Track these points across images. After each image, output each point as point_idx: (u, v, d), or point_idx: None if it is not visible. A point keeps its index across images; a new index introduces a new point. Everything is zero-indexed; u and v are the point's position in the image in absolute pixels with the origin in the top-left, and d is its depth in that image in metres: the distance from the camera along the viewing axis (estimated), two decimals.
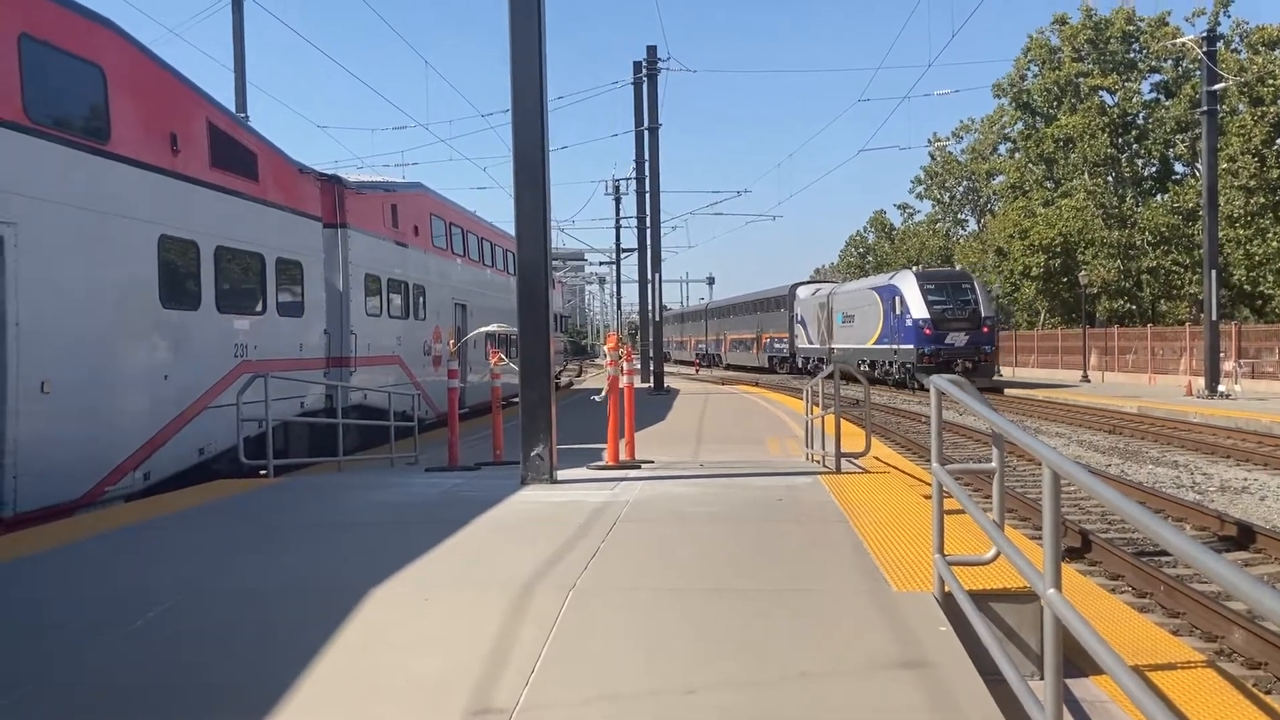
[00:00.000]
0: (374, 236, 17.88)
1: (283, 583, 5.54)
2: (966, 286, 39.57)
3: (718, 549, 6.23)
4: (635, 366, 12.66)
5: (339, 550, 6.45)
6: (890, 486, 9.07)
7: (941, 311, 38.65)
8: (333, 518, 7.80)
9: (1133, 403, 28.93)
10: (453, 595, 5.17)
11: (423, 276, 20.38)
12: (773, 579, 5.45)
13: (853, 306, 46.11)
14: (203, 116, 12.16)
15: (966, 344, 38.42)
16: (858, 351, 44.01)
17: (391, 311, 18.66)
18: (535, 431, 9.35)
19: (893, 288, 41.20)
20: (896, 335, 40.39)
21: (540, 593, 5.15)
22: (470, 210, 26.92)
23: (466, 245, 24.26)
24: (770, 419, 20.50)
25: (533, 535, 6.75)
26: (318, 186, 15.75)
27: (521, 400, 9.45)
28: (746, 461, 12.05)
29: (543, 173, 9.33)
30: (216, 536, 7.09)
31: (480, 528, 7.15)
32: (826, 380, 11.73)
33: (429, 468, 11.77)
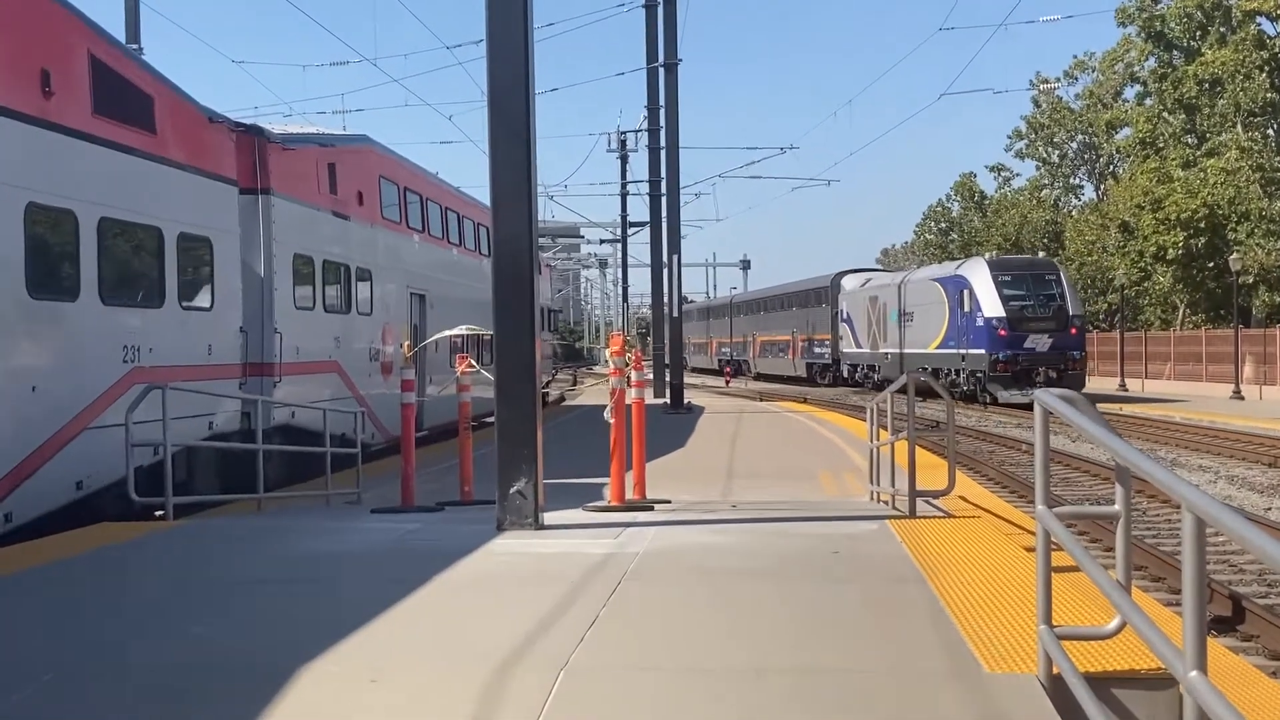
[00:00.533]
0: (306, 206, 17.96)
1: (186, 659, 5.56)
2: (1051, 279, 41.39)
3: (754, 617, 6.23)
4: (647, 376, 12.66)
5: (260, 616, 6.46)
6: (981, 535, 9.06)
7: (1020, 309, 40.53)
8: (252, 573, 7.82)
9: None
10: (407, 677, 5.18)
11: (369, 258, 20.46)
12: (827, 657, 5.44)
13: (912, 301, 47.93)
14: (84, 49, 12.24)
15: (1050, 348, 40.19)
16: (917, 357, 46.07)
17: (328, 304, 18.73)
18: (515, 461, 9.36)
19: (960, 279, 43.01)
20: (965, 337, 42.32)
21: (521, 674, 5.16)
22: (432, 172, 27.04)
23: (426, 217, 24.36)
24: (823, 445, 20.49)
25: (512, 598, 6.76)
26: (233, 140, 15.83)
27: (498, 420, 9.46)
28: (793, 502, 12.03)
29: (527, 120, 9.35)
30: (100, 597, 7.12)
31: (443, 588, 7.16)
32: (897, 395, 11.73)
33: (376, 508, 11.80)
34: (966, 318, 42.16)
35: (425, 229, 24.23)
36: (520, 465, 9.36)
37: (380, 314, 20.94)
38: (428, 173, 26.25)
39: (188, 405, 13.04)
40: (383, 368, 20.81)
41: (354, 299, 19.81)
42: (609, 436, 11.19)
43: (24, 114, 11.17)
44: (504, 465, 9.39)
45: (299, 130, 19.94)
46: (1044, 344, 40.38)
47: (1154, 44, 58.87)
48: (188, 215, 14.19)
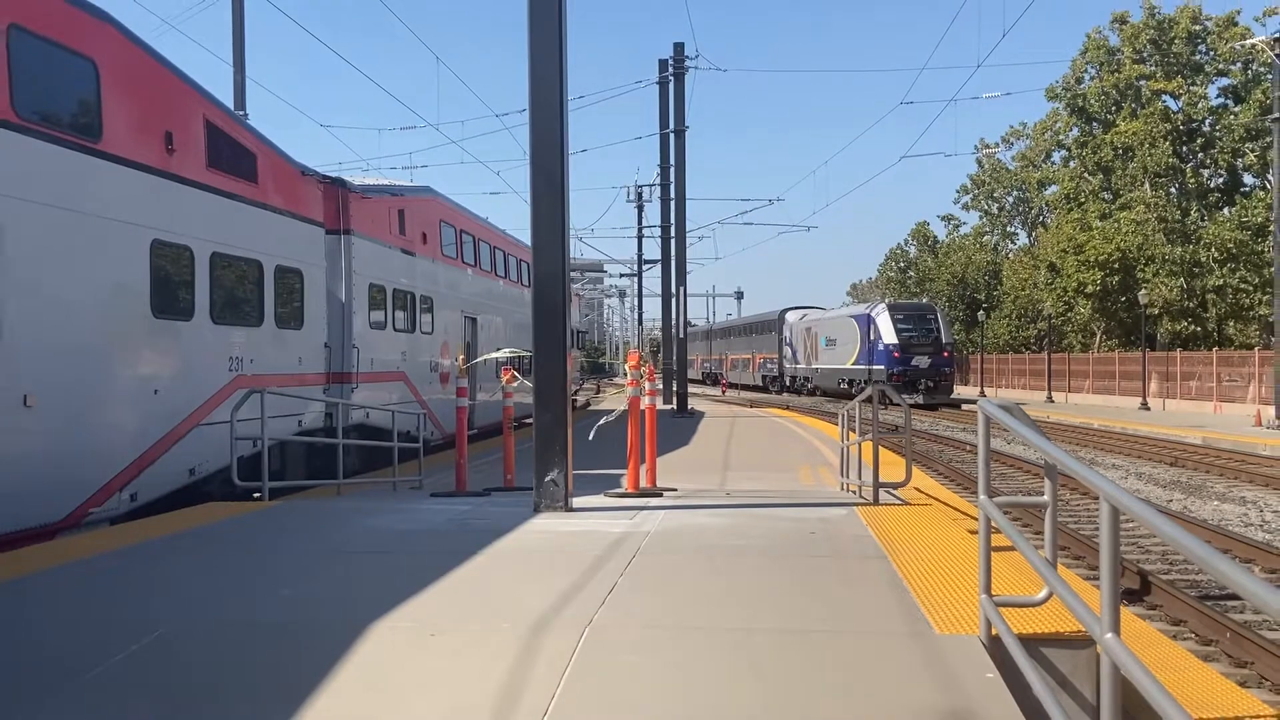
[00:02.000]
0: (379, 244, 18.00)
1: (278, 616, 5.56)
2: (931, 317, 49.77)
3: (745, 585, 6.22)
4: (657, 387, 12.66)
5: (338, 581, 6.46)
6: (932, 520, 9.02)
7: (909, 338, 48.45)
8: (331, 545, 7.83)
9: (1196, 433, 28.68)
10: (460, 631, 5.18)
11: (430, 287, 20.49)
12: (805, 618, 5.42)
13: (834, 332, 56.35)
14: (199, 113, 12.30)
15: (929, 366, 48.17)
16: (838, 371, 54.53)
17: (396, 324, 18.76)
18: (549, 456, 9.36)
19: (868, 317, 51.51)
20: (871, 357, 50.09)
21: (554, 630, 5.15)
22: (482, 217, 27.07)
23: (478, 254, 24.39)
24: (803, 445, 20.45)
25: (546, 567, 6.76)
26: (320, 190, 15.89)
27: (535, 422, 9.47)
28: (777, 491, 12.01)
29: (561, 174, 9.37)
30: (207, 564, 7.13)
31: (489, 558, 7.15)
32: (864, 404, 11.70)
33: (434, 493, 11.81)
34: (872, 344, 49.86)
35: (477, 264, 24.26)
36: (553, 458, 9.37)
37: (440, 333, 20.96)
38: (479, 217, 26.29)
39: (281, 406, 13.09)
40: (441, 378, 20.82)
41: (418, 321, 19.84)
42: (624, 437, 11.19)
43: (151, 166, 11.24)
44: (540, 458, 9.40)
45: (374, 182, 20.01)
46: (925, 362, 48.04)
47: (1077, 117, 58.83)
48: (283, 250, 14.24)
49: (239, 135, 13.33)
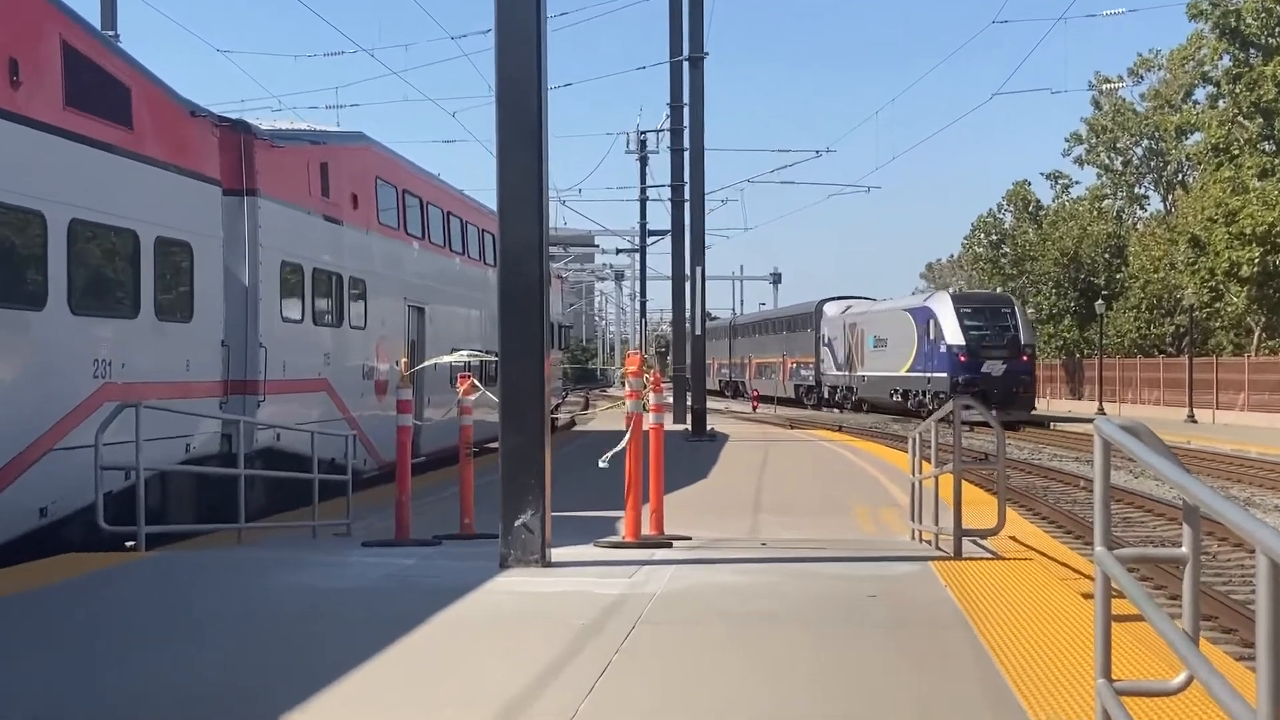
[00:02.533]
0: (295, 209, 18.03)
1: (157, 704, 5.56)
2: (1006, 311, 50.82)
3: (781, 667, 6.22)
4: (666, 400, 12.67)
5: (237, 659, 6.47)
6: (1033, 579, 9.03)
7: (978, 337, 49.68)
8: (230, 610, 7.83)
9: None
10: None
11: (364, 267, 20.54)
12: (860, 711, 5.41)
13: (884, 329, 57.48)
14: (55, 34, 12.32)
15: (1004, 373, 49.21)
16: (889, 380, 55.90)
17: (318, 316, 18.79)
18: (521, 491, 9.37)
19: (926, 310, 52.48)
20: (930, 362, 51.41)
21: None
22: (433, 174, 27.12)
23: (427, 223, 24.44)
24: (860, 478, 20.45)
25: (516, 641, 6.76)
26: (216, 136, 15.92)
27: (502, 446, 9.48)
28: (825, 540, 12.01)
29: (538, 118, 9.40)
30: (65, 634, 7.13)
31: (440, 629, 7.17)
32: (943, 424, 11.72)
33: (368, 541, 11.83)
34: (932, 345, 51.01)
35: (425, 235, 24.30)
36: (526, 496, 9.37)
37: (375, 328, 20.99)
38: (429, 174, 26.33)
39: (163, 425, 13.08)
40: (377, 387, 20.85)
41: (346, 311, 19.86)
42: (623, 466, 11.20)
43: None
44: (508, 495, 9.40)
45: (289, 127, 20.03)
46: (999, 369, 49.13)
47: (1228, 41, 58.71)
48: (166, 217, 14.26)
49: (108, 64, 13.35)
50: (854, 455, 25.83)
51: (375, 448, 20.25)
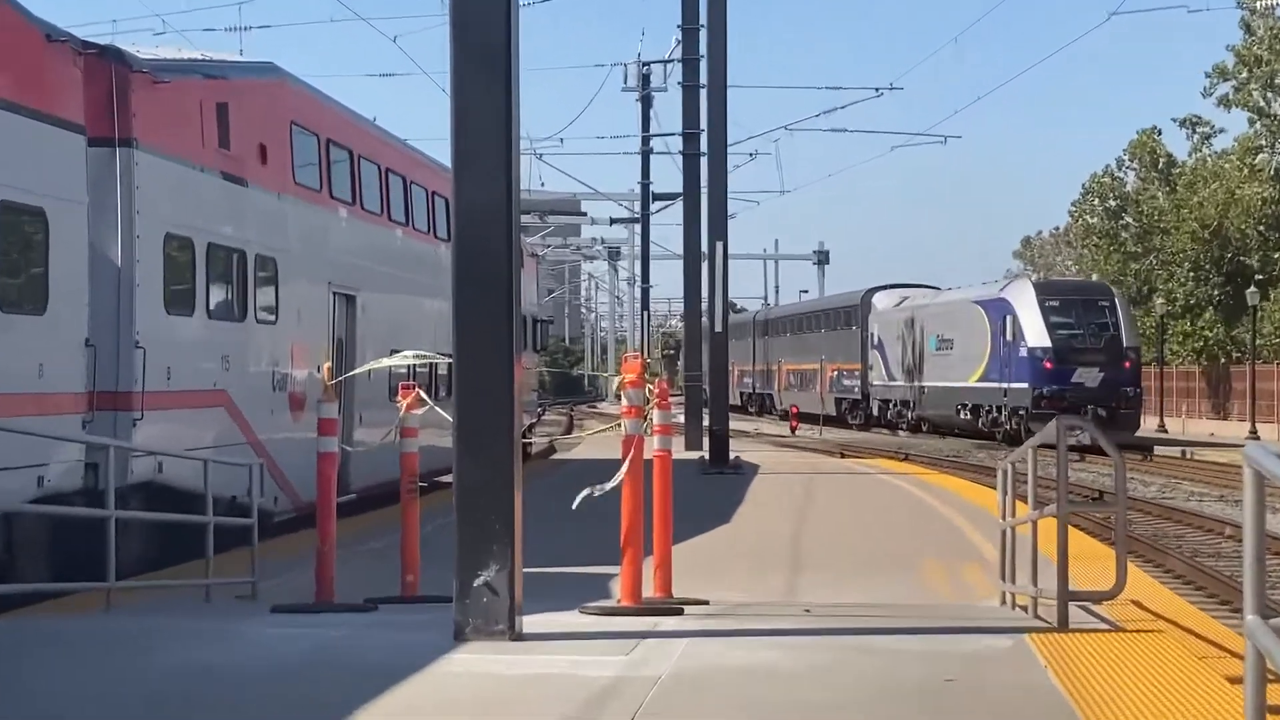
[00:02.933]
0: (185, 164, 18.01)
1: None
2: (1105, 304, 52.98)
3: None
4: (675, 419, 12.69)
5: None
6: (1162, 658, 9.02)
7: (1068, 337, 51.68)
8: (94, 699, 7.82)
9: None
10: None
11: (276, 241, 20.53)
12: None
13: (949, 326, 59.92)
14: None
15: (1101, 384, 50.85)
16: (954, 392, 58.29)
17: (215, 307, 18.78)
18: (482, 540, 9.38)
19: (1003, 303, 54.37)
20: (1007, 369, 53.38)
21: None
22: (368, 118, 27.12)
23: (359, 184, 24.42)
24: (934, 523, 20.43)
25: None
26: (80, 68, 15.92)
27: (458, 480, 9.49)
28: (888, 605, 12.02)
29: (506, 44, 9.41)
30: None
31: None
32: (1044, 451, 11.72)
33: (280, 605, 11.82)
34: (1010, 347, 52.91)
35: (357, 200, 24.28)
36: (489, 545, 9.37)
37: (290, 323, 20.96)
38: (362, 119, 26.33)
39: (5, 452, 13.09)
40: (292, 401, 20.81)
41: (253, 301, 19.83)
42: (618, 506, 11.21)
43: None
44: (466, 545, 9.41)
45: (177, 56, 19.99)
46: (1094, 378, 50.85)
47: None
48: (9, 176, 14.26)
49: None
50: (925, 492, 25.80)
51: (290, 482, 20.22)
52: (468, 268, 9.50)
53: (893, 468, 34.33)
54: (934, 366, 60.38)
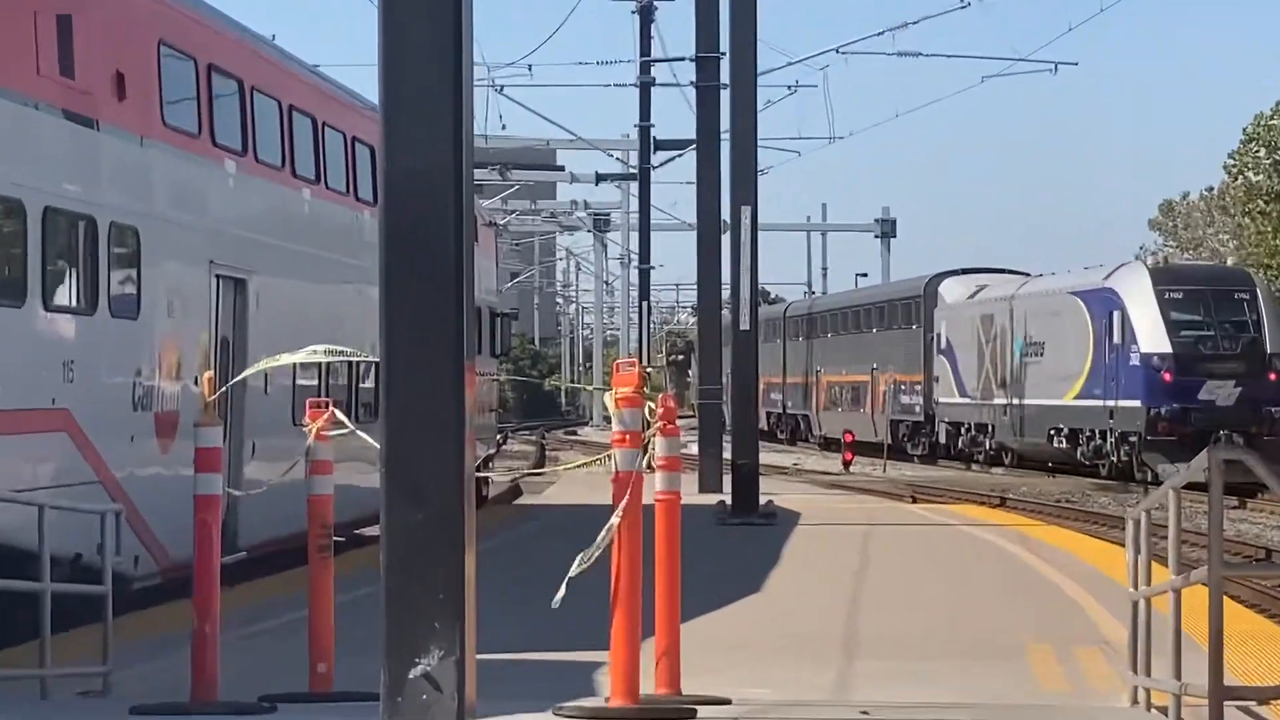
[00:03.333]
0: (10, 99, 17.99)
1: None
2: (1243, 296, 55.02)
3: None
4: (682, 448, 12.64)
5: None
6: None
7: (1195, 341, 53.66)
8: None
9: None
10: None
11: (138, 204, 20.46)
12: None
13: (1040, 325, 62.02)
14: None
15: (1238, 402, 52.74)
16: (1045, 412, 60.37)
17: (51, 295, 18.75)
18: (421, 615, 9.32)
19: (1108, 294, 56.63)
20: (1112, 382, 55.27)
21: None
22: (265, 37, 27.01)
23: (253, 126, 24.36)
24: (1039, 593, 20.46)
25: None
26: None
27: (386, 534, 9.40)
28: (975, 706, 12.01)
29: None
30: None
31: None
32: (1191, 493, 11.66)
33: (142, 706, 11.79)
34: (1117, 353, 54.96)
35: (250, 149, 24.23)
36: (430, 623, 9.31)
37: (157, 317, 20.90)
38: (258, 38, 26.27)
39: None
40: (160, 425, 20.74)
41: (105, 287, 19.80)
42: (607, 569, 11.14)
43: None
44: (398, 622, 9.35)
45: None
46: (1228, 394, 52.69)
47: None
48: None
49: None
50: (1026, 551, 25.86)
51: (156, 534, 20.20)
52: (401, 244, 9.42)
53: (982, 516, 34.45)
54: (1019, 378, 61.71)
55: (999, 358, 64.03)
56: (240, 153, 23.92)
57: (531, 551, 24.26)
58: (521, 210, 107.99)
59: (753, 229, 33.34)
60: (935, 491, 48.97)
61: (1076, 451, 56.25)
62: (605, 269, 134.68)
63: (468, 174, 9.50)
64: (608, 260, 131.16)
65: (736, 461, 32.96)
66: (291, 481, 13.80)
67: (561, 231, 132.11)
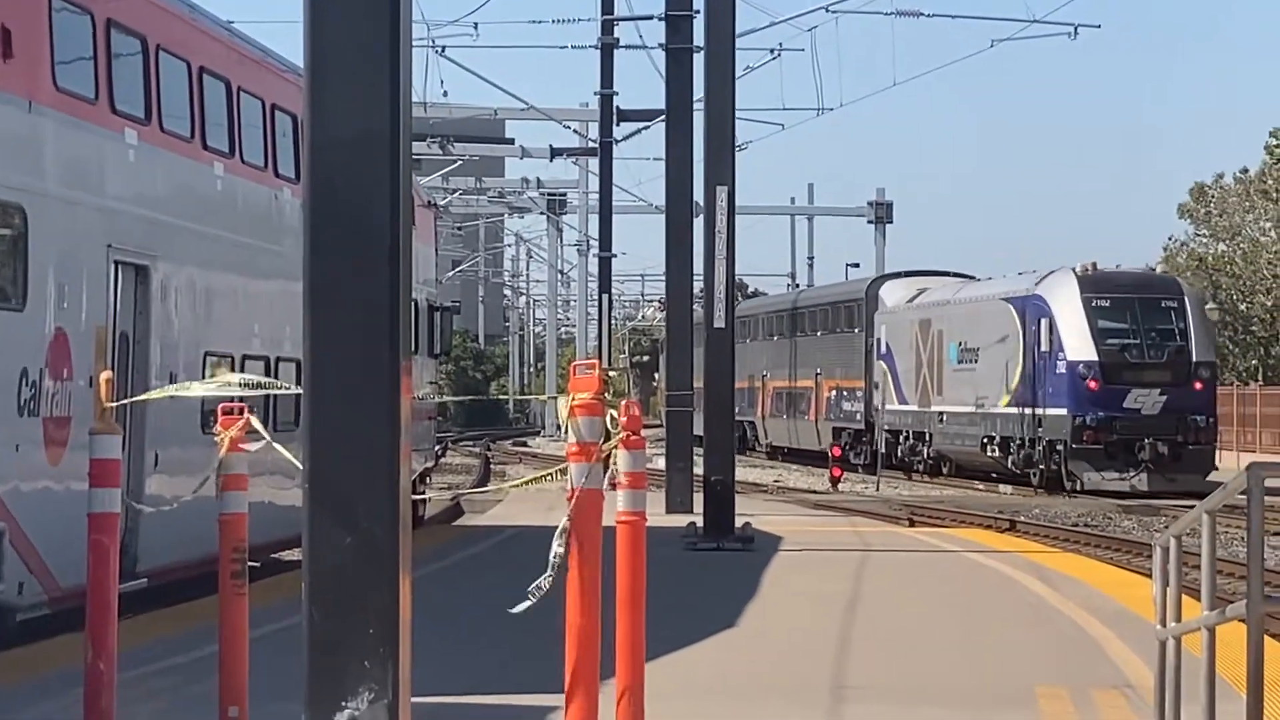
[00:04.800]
0: None
1: None
2: (1170, 305, 62.44)
3: None
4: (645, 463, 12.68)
5: None
6: None
7: (1121, 349, 60.98)
8: None
9: None
10: None
11: (23, 179, 20.41)
12: None
13: (973, 330, 68.84)
14: None
15: (1164, 409, 60.46)
16: (978, 420, 67.27)
17: None
18: (349, 652, 9.31)
19: (1038, 301, 63.61)
20: (1042, 390, 62.45)
21: None
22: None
23: (157, 91, 24.33)
24: (1052, 628, 20.50)
25: None
26: None
27: (309, 559, 9.41)
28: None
29: None
30: None
31: None
32: (1224, 514, 11.70)
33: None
34: (1045, 360, 62.37)
35: (153, 117, 24.19)
36: (360, 661, 9.32)
37: (45, 308, 20.86)
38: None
39: None
40: (46, 432, 20.71)
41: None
42: (563, 601, 11.16)
43: None
44: (323, 660, 9.34)
45: None
46: (1153, 402, 60.41)
47: None
48: None
49: None
50: (1039, 582, 25.91)
51: (43, 557, 20.17)
52: (328, 225, 9.42)
53: (989, 542, 34.54)
54: (954, 385, 68.24)
55: (935, 364, 70.36)
56: (143, 121, 23.86)
57: (475, 580, 24.24)
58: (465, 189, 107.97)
59: (729, 212, 33.31)
60: (936, 513, 49.08)
61: (1008, 460, 62.29)
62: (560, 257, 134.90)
63: (405, 145, 9.50)
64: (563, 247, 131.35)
65: (710, 478, 32.95)
66: (201, 498, 13.80)
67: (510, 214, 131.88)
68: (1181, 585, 13.04)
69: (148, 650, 16.66)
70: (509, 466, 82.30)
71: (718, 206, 33.29)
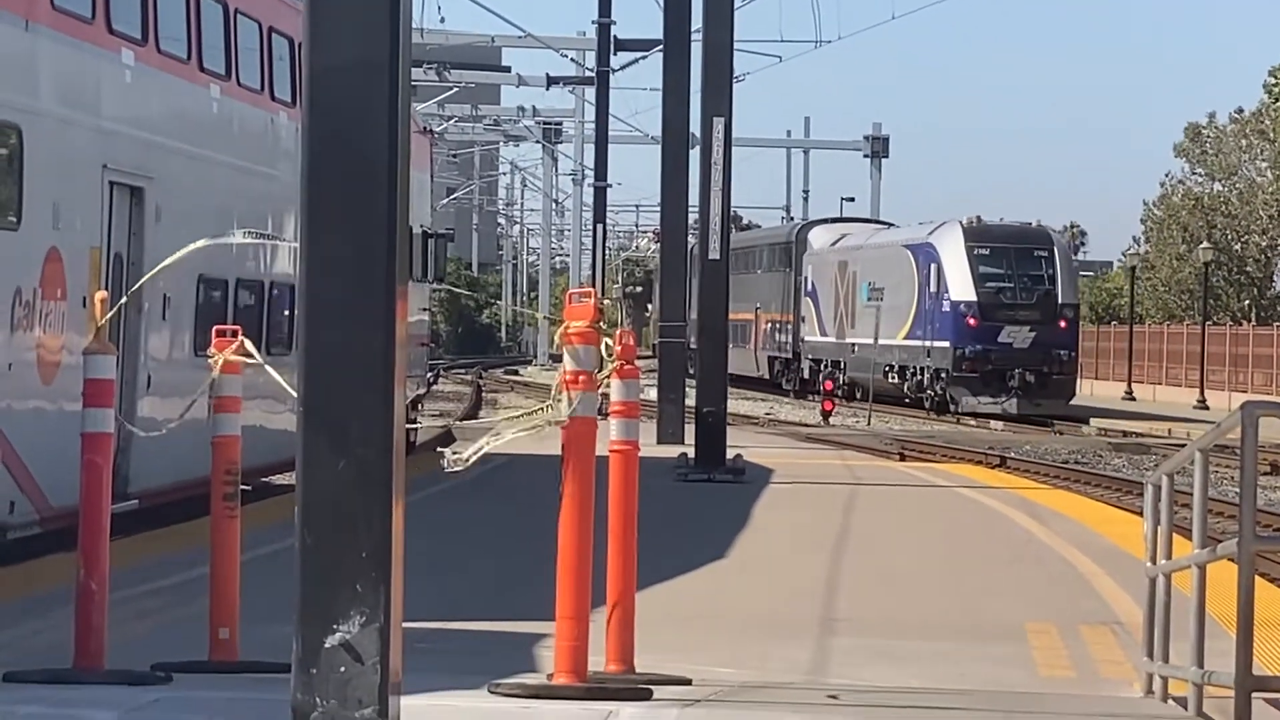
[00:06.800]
0: None
1: None
2: (1041, 254, 73.10)
3: None
4: (640, 393, 12.67)
5: None
6: None
7: (997, 291, 71.85)
8: None
9: None
10: None
11: (19, 99, 20.35)
12: None
13: (881, 272, 78.62)
14: None
15: (1032, 344, 71.33)
16: (882, 350, 74.89)
17: None
18: (340, 576, 9.32)
19: (929, 248, 74.27)
20: (930, 325, 73.30)
21: None
22: None
23: (154, 12, 24.21)
24: (1043, 566, 20.51)
25: None
26: None
27: (303, 483, 9.42)
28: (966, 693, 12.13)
29: None
30: None
31: None
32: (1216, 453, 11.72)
33: (17, 674, 11.80)
34: (934, 299, 72.76)
35: (150, 38, 24.12)
36: (351, 585, 9.32)
37: (40, 227, 20.83)
38: None
39: None
40: (41, 352, 20.69)
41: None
42: (553, 527, 11.17)
43: None
44: (314, 584, 9.35)
45: None
46: (1024, 338, 71.20)
47: None
48: None
49: None
50: (1030, 519, 25.97)
51: (35, 478, 20.15)
52: (326, 151, 9.41)
53: (979, 477, 34.61)
54: (864, 320, 76.20)
55: (850, 301, 79.62)
56: (139, 42, 23.79)
57: (467, 506, 24.26)
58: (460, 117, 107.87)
59: (725, 144, 33.28)
60: (926, 448, 49.22)
61: (904, 386, 72.03)
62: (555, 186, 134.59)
63: (404, 71, 9.49)
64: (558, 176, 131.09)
65: (702, 409, 32.94)
66: (193, 420, 13.79)
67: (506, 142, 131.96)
68: (1173, 524, 13.06)
69: (139, 571, 16.66)
70: (501, 394, 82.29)
71: (714, 138, 33.26)
